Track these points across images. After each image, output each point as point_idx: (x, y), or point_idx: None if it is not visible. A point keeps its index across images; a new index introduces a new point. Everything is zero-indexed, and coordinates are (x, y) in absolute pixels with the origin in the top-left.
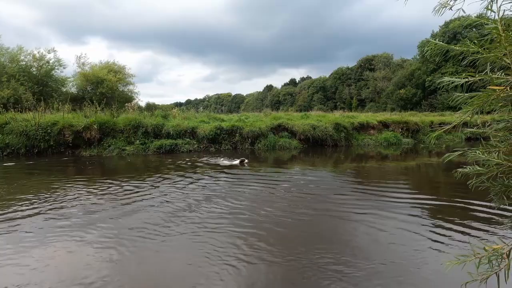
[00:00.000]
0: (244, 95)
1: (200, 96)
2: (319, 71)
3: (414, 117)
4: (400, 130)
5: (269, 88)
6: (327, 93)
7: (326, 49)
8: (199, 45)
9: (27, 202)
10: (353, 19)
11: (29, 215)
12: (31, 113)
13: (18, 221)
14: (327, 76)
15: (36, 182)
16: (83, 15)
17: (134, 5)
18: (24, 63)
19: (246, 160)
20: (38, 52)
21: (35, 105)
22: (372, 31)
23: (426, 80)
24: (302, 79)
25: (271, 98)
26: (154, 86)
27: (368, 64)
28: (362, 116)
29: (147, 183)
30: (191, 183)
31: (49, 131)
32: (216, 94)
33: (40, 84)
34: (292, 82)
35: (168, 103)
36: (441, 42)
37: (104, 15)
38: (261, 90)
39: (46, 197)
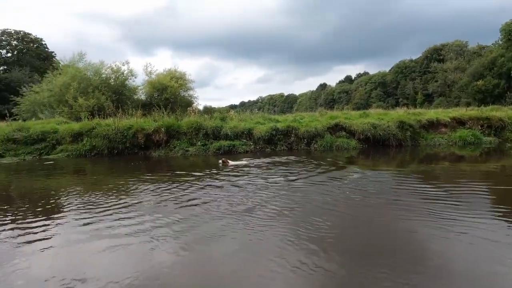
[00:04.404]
0: (297, 94)
1: (254, 97)
2: (378, 66)
3: (498, 112)
4: (479, 127)
5: (323, 86)
6: (387, 89)
7: (385, 42)
8: (253, 48)
9: (99, 194)
10: (416, 5)
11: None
12: (111, 119)
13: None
14: (387, 70)
15: (113, 178)
16: (151, 28)
17: (192, 14)
18: (104, 75)
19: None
20: (115, 65)
21: (114, 112)
22: (439, 17)
23: None
24: (359, 75)
25: (325, 97)
26: (211, 90)
27: (436, 54)
28: (431, 113)
29: (211, 180)
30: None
31: (125, 134)
32: (269, 95)
33: (117, 93)
34: (348, 79)
35: (224, 106)
36: None
37: (168, 26)
38: (315, 89)
39: (118, 190)
